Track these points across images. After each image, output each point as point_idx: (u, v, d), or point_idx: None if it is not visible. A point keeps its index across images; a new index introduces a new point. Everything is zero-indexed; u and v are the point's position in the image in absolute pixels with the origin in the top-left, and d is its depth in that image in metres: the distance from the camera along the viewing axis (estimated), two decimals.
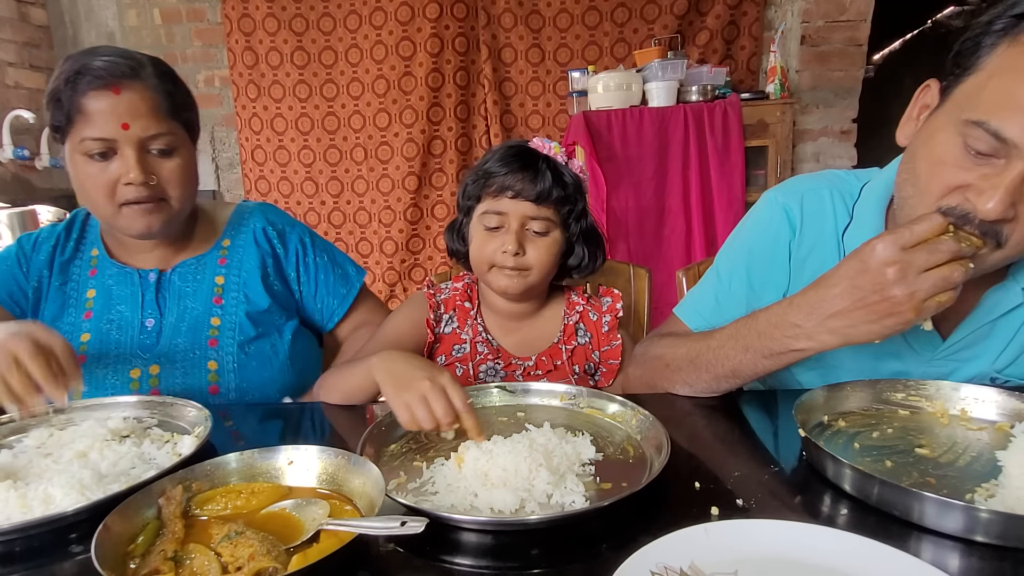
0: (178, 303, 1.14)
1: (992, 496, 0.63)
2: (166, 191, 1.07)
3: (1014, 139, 0.70)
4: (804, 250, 1.00)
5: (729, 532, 0.57)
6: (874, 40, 3.23)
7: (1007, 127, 0.70)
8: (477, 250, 1.11)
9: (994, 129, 0.71)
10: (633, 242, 2.89)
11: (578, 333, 1.17)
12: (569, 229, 1.12)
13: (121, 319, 1.13)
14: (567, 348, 1.15)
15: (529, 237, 1.08)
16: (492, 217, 1.08)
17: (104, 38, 3.56)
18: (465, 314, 1.17)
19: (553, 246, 1.10)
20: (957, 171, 0.76)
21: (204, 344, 1.11)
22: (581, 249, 1.14)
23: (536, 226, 1.08)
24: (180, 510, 0.64)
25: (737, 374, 0.90)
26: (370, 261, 3.69)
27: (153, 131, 1.03)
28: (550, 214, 1.08)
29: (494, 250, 1.08)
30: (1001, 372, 0.92)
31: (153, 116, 1.03)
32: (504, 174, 1.06)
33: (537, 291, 1.15)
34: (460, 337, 1.15)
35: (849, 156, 3.32)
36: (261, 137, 3.58)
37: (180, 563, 0.57)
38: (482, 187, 1.09)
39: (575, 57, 3.37)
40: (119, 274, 1.15)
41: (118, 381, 1.08)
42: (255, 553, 0.56)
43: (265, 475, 0.71)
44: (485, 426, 0.84)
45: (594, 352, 1.17)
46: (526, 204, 1.06)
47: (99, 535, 0.56)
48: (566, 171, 1.10)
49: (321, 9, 3.41)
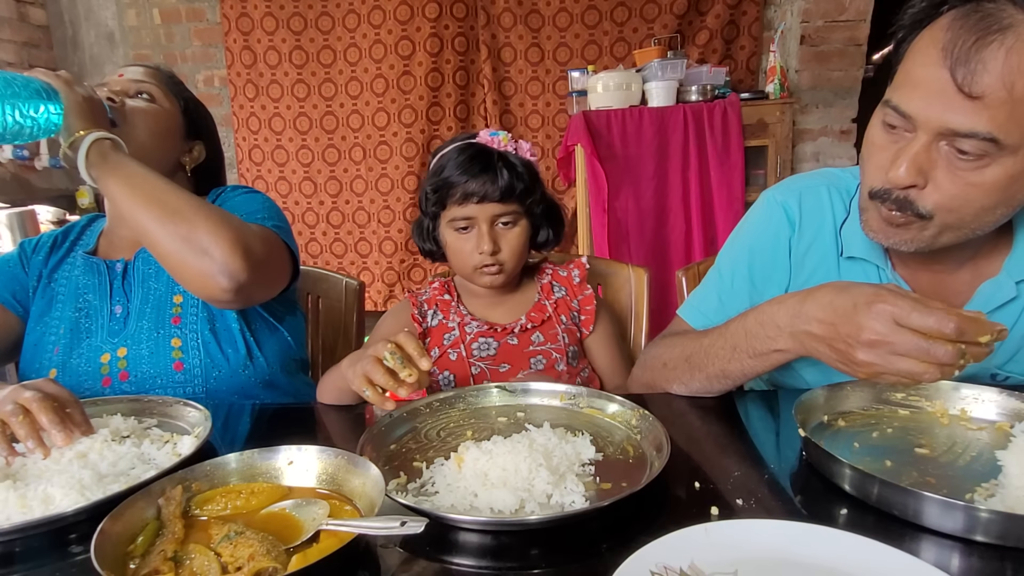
0: (142, 285, 1.14)
1: (992, 496, 0.63)
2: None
3: (912, 113, 0.78)
4: (803, 246, 1.01)
5: (729, 532, 0.57)
6: (874, 40, 3.23)
7: (905, 102, 0.78)
8: (456, 256, 1.17)
9: (895, 105, 0.80)
10: (633, 242, 2.89)
11: (554, 290, 1.24)
12: (533, 214, 1.18)
13: (89, 307, 1.13)
14: (550, 303, 1.22)
15: (500, 232, 1.15)
16: (462, 221, 1.14)
17: (103, 38, 3.56)
18: (447, 305, 1.22)
19: (523, 234, 1.17)
20: (880, 150, 0.83)
21: (167, 323, 1.11)
22: (546, 227, 1.21)
23: (504, 219, 1.14)
24: (180, 510, 0.63)
25: (727, 374, 0.90)
26: (369, 261, 3.69)
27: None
28: (515, 207, 1.14)
29: (471, 252, 1.14)
30: (1001, 368, 0.92)
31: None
32: (465, 182, 1.10)
33: (516, 275, 1.23)
34: (447, 326, 1.20)
35: (849, 156, 3.32)
36: (259, 137, 3.58)
37: (180, 563, 0.57)
38: (445, 196, 1.13)
39: (575, 57, 3.37)
40: (85, 265, 1.17)
41: (90, 368, 1.09)
42: (255, 553, 0.56)
43: (265, 475, 0.70)
44: (485, 426, 0.84)
45: (572, 300, 1.23)
46: (492, 205, 1.12)
47: (99, 535, 0.56)
48: (518, 161, 1.14)
49: (320, 8, 3.41)
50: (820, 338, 0.77)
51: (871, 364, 0.71)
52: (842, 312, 0.74)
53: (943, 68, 0.74)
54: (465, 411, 0.89)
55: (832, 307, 0.75)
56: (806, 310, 0.79)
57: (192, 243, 0.93)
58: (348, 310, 1.45)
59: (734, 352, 0.88)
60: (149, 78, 1.18)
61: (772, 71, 2.97)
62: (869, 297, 0.71)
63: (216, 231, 0.94)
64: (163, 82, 1.20)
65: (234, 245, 0.94)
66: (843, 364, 0.75)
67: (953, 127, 0.74)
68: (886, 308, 0.69)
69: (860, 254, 0.96)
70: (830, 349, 0.76)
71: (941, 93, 0.74)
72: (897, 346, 0.68)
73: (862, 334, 0.70)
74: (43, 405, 0.78)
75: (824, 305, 0.76)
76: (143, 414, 0.91)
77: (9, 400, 0.78)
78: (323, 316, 1.48)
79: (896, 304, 0.69)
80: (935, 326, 0.66)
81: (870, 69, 3.48)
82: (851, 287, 0.76)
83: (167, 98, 1.18)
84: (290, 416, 1.00)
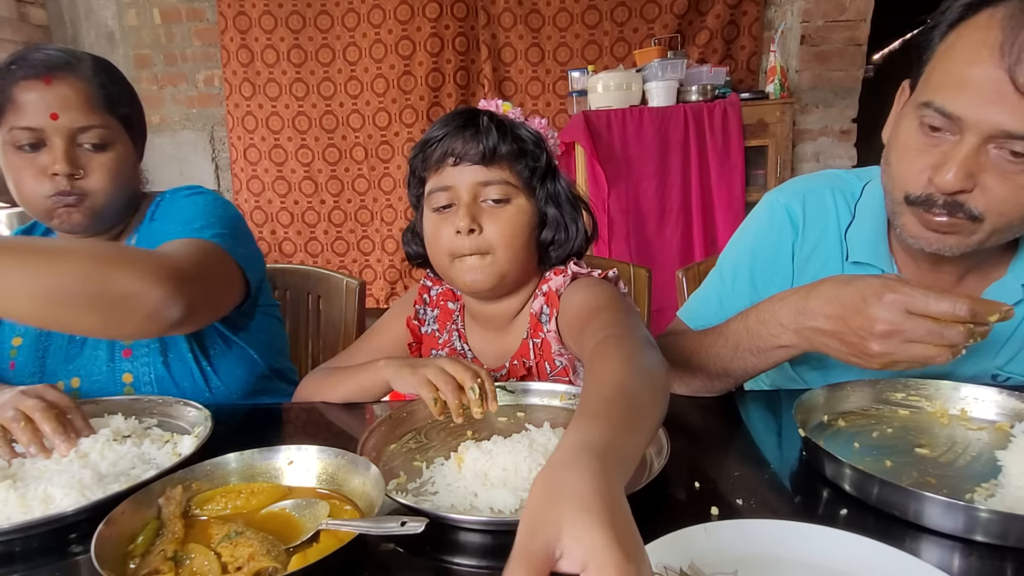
0: None
1: (992, 496, 0.63)
2: (93, 186, 1.02)
3: (959, 114, 0.74)
4: (807, 249, 1.00)
5: (729, 532, 0.57)
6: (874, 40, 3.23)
7: (950, 103, 0.75)
8: (431, 241, 0.95)
9: (939, 106, 0.76)
10: (633, 242, 2.89)
11: (542, 319, 0.97)
12: (536, 192, 0.95)
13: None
14: (535, 343, 0.98)
15: (486, 210, 0.91)
16: (440, 195, 0.92)
17: (104, 38, 3.55)
18: (447, 316, 1.08)
19: (518, 215, 0.92)
20: (919, 154, 0.80)
21: (118, 355, 1.06)
22: (557, 216, 0.96)
23: (492, 192, 0.91)
24: (180, 510, 0.63)
25: (730, 373, 0.90)
26: (371, 259, 3.71)
27: (83, 123, 0.99)
28: (507, 175, 0.91)
29: (448, 235, 0.91)
30: (1002, 368, 0.92)
31: (85, 108, 1.00)
32: (442, 138, 0.91)
33: (511, 281, 0.96)
34: (438, 342, 1.09)
35: (849, 156, 3.32)
36: (255, 136, 3.57)
37: (180, 563, 0.57)
38: (423, 161, 0.95)
39: (575, 56, 3.37)
40: None
41: None
42: (255, 553, 0.56)
43: (265, 475, 0.70)
44: (485, 425, 0.84)
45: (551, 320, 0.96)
46: (473, 168, 0.90)
47: (99, 535, 0.56)
48: (520, 126, 0.94)
49: (319, 6, 3.41)
50: (829, 333, 0.77)
51: (885, 354, 0.72)
52: (850, 305, 0.74)
53: (997, 68, 0.71)
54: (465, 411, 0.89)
55: (839, 301, 0.75)
56: (811, 307, 0.78)
57: (104, 299, 0.79)
58: (348, 310, 1.45)
59: (736, 351, 0.88)
60: (85, 103, 1.00)
61: (772, 71, 2.97)
62: (877, 288, 0.72)
63: (126, 271, 0.80)
64: (100, 101, 1.01)
65: (152, 277, 0.81)
66: (855, 356, 0.75)
67: (1008, 129, 0.72)
68: (897, 298, 0.70)
69: (865, 259, 0.95)
70: (840, 343, 0.76)
71: (996, 93, 0.71)
72: (911, 333, 0.70)
73: (876, 325, 0.71)
74: (46, 415, 0.78)
75: (830, 300, 0.76)
76: (143, 414, 0.91)
77: (10, 406, 0.78)
78: (323, 316, 1.48)
79: (906, 293, 0.70)
80: (948, 310, 0.68)
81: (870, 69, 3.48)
82: (854, 280, 0.76)
83: (116, 127, 1.04)
84: (290, 416, 1.00)
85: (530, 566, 0.39)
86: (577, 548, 0.39)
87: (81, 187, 1.01)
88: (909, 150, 0.81)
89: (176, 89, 3.58)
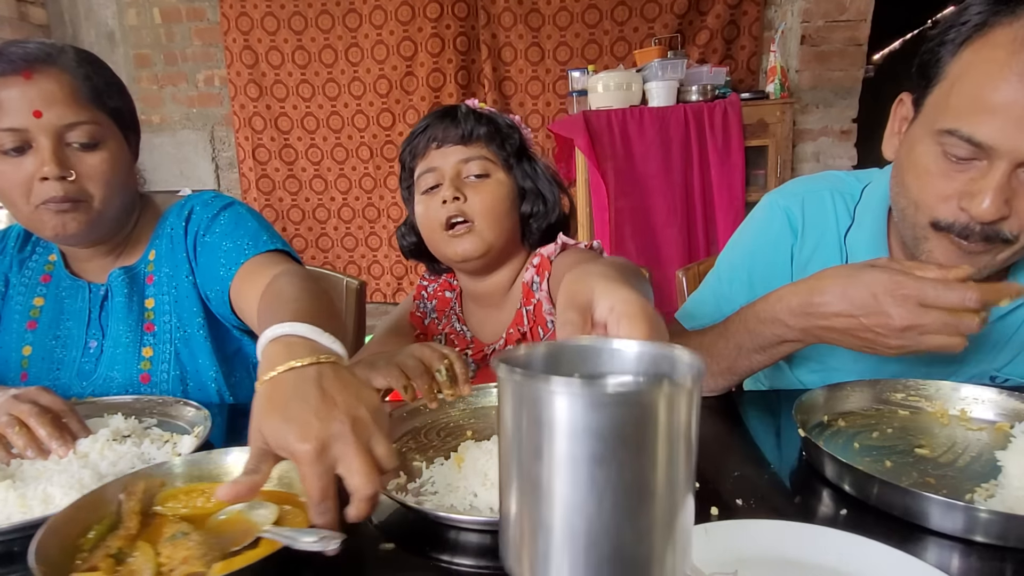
0: (113, 325, 1.03)
1: (992, 496, 0.63)
2: (86, 189, 0.94)
3: (988, 141, 0.73)
4: (806, 253, 1.00)
5: (729, 532, 0.57)
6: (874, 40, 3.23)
7: (978, 131, 0.73)
8: (423, 220, 1.05)
9: (967, 135, 0.74)
10: (633, 242, 2.89)
11: (534, 286, 1.05)
12: (513, 169, 1.06)
13: (68, 336, 1.04)
14: (527, 310, 1.05)
15: (469, 184, 1.02)
16: (427, 176, 1.03)
17: (104, 37, 3.55)
18: (446, 304, 1.18)
19: (498, 188, 1.03)
20: (944, 180, 0.78)
21: (136, 379, 1.01)
22: (534, 189, 1.07)
23: (473, 168, 1.02)
24: (139, 506, 0.62)
25: (734, 371, 0.90)
26: (379, 255, 3.74)
27: (70, 119, 0.91)
28: (485, 152, 1.03)
29: (436, 207, 1.01)
30: (1000, 371, 0.92)
31: (70, 102, 0.91)
32: (424, 129, 1.05)
33: (498, 251, 1.05)
34: (439, 328, 1.18)
35: (849, 156, 3.32)
36: (264, 136, 3.59)
37: (121, 561, 0.56)
38: (410, 153, 1.07)
39: (575, 56, 3.37)
40: (72, 287, 1.06)
41: None
42: (189, 556, 0.55)
43: (230, 475, 0.69)
44: (485, 426, 0.84)
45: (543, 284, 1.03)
46: (455, 148, 1.02)
47: (48, 526, 0.56)
48: (494, 114, 1.07)
49: (319, 7, 3.41)
50: (842, 331, 0.77)
51: (903, 347, 0.74)
52: (861, 303, 0.74)
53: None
54: (465, 411, 0.89)
55: (848, 299, 0.75)
56: (817, 306, 0.78)
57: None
58: (348, 310, 1.44)
59: (739, 350, 0.88)
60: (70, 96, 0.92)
61: (772, 71, 2.97)
62: (887, 285, 0.72)
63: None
64: (86, 94, 0.94)
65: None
66: (868, 348, 0.77)
67: None
68: (909, 294, 0.71)
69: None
70: (855, 338, 0.77)
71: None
72: (928, 327, 0.71)
73: (893, 322, 0.72)
74: (41, 420, 0.76)
75: (839, 298, 0.76)
76: (143, 414, 0.91)
77: (3, 412, 0.77)
78: None
79: (916, 288, 0.70)
80: (959, 302, 0.69)
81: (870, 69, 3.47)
82: (857, 275, 0.75)
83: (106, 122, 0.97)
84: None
85: (576, 311, 0.50)
86: (605, 299, 0.49)
87: (74, 191, 0.93)
88: (931, 176, 0.79)
89: (176, 89, 3.58)
